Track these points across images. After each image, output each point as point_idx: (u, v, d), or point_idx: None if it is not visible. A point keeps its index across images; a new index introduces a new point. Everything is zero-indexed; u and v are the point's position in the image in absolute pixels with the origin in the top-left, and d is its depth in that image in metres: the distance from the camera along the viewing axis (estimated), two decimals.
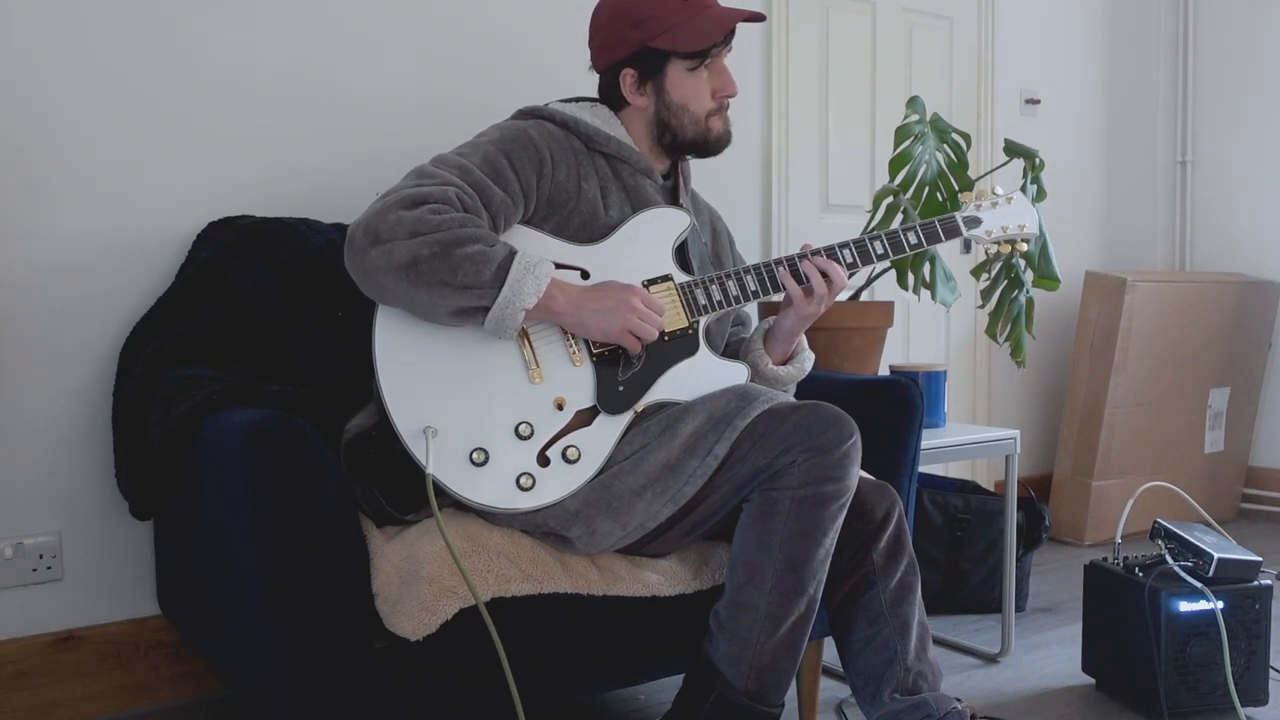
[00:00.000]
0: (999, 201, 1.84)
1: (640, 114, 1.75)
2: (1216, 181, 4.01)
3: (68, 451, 1.98)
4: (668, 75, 1.72)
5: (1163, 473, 3.52)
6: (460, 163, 1.57)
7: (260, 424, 1.38)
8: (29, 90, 1.93)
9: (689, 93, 1.72)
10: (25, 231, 1.93)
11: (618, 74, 1.74)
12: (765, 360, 1.79)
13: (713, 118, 1.75)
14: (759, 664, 1.52)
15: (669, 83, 1.72)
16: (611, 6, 1.74)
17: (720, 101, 1.75)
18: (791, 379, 1.81)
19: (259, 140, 2.15)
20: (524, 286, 1.49)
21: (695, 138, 1.75)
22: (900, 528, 1.67)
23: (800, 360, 1.82)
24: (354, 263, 1.49)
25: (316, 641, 1.39)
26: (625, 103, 1.76)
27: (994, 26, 3.51)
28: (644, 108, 1.74)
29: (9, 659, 1.93)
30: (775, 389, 1.80)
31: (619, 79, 1.74)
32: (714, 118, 1.75)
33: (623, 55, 1.72)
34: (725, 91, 1.74)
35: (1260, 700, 2.05)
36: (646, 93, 1.73)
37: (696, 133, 1.74)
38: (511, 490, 1.54)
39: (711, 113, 1.74)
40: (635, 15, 1.69)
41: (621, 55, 1.72)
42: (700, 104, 1.73)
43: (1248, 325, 3.75)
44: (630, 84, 1.73)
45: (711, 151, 1.78)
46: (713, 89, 1.74)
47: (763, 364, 1.78)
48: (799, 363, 1.82)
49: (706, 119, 1.74)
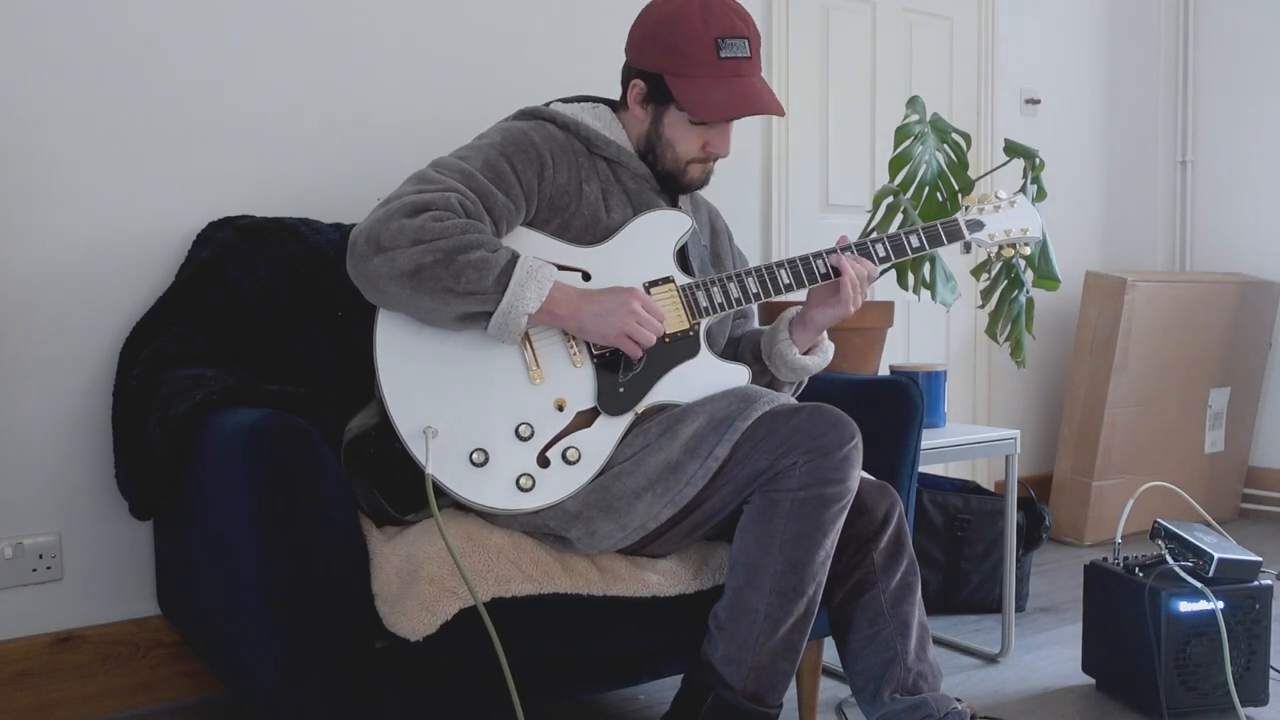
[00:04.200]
0: (1002, 205, 1.84)
1: (635, 123, 1.75)
2: (1216, 181, 4.01)
3: (68, 451, 1.98)
4: (669, 111, 1.69)
5: (1163, 473, 3.52)
6: (461, 167, 1.57)
7: (260, 424, 1.38)
8: (29, 90, 1.93)
9: (680, 136, 1.70)
10: (25, 231, 1.93)
11: (631, 77, 1.73)
12: (793, 350, 1.79)
13: (693, 165, 1.73)
14: (758, 665, 1.52)
15: (668, 118, 1.70)
16: (658, 18, 1.68)
17: (708, 155, 1.72)
18: (818, 367, 1.82)
19: (259, 140, 2.15)
20: (526, 291, 1.50)
21: (669, 172, 1.74)
22: (900, 528, 1.67)
23: (825, 349, 1.83)
24: (357, 270, 1.50)
25: (316, 642, 1.39)
26: (627, 104, 1.75)
27: (994, 26, 3.51)
28: (640, 119, 1.74)
29: (9, 659, 1.93)
30: (799, 377, 1.83)
31: (631, 83, 1.73)
32: (695, 165, 1.73)
33: (643, 67, 1.70)
34: (716, 150, 1.72)
35: (1260, 700, 2.05)
36: (647, 111, 1.72)
37: (672, 169, 1.73)
38: (511, 491, 1.54)
39: (694, 160, 1.72)
40: (670, 41, 1.65)
41: (642, 67, 1.70)
42: (687, 150, 1.71)
43: (1248, 325, 3.75)
44: (636, 94, 1.72)
45: (680, 190, 1.77)
46: (705, 141, 1.71)
47: (790, 354, 1.78)
48: (823, 351, 1.83)
49: (687, 164, 1.72)
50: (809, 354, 1.81)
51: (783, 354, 1.79)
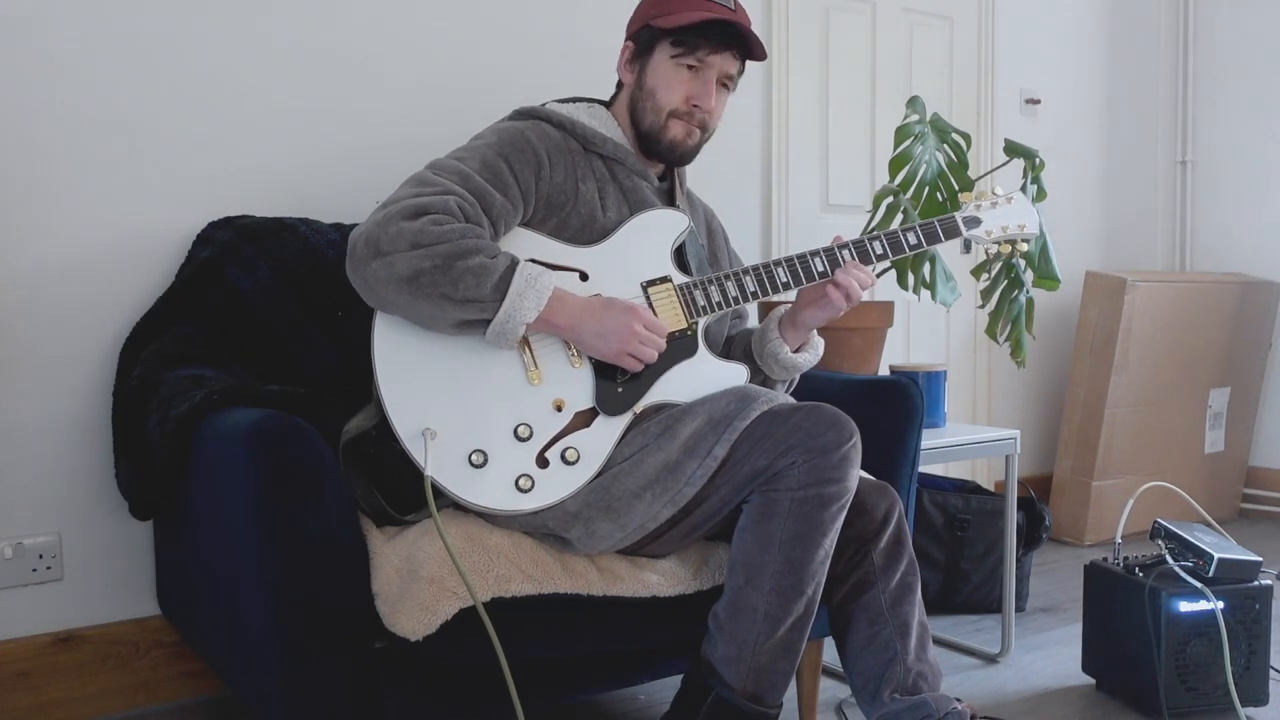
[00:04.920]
0: (999, 201, 1.84)
1: (624, 96, 1.76)
2: (1216, 181, 4.01)
3: (68, 451, 1.98)
4: (653, 57, 1.71)
5: (1163, 473, 3.52)
6: (459, 169, 1.57)
7: (260, 424, 1.38)
8: (29, 91, 1.93)
9: (662, 81, 1.70)
10: (25, 231, 1.93)
11: (622, 49, 1.76)
12: (784, 348, 1.79)
13: (674, 119, 1.71)
14: (757, 665, 1.52)
15: (651, 64, 1.72)
16: None
17: (690, 108, 1.71)
18: (808, 365, 1.84)
19: (259, 140, 2.15)
20: (525, 300, 1.50)
21: (650, 130, 1.72)
22: (900, 528, 1.67)
23: (815, 346, 1.85)
24: (356, 274, 1.50)
25: (316, 641, 1.39)
26: (620, 84, 1.77)
27: (994, 26, 3.51)
28: (628, 85, 1.76)
29: (9, 659, 1.93)
30: (790, 375, 1.83)
31: (621, 52, 1.76)
32: (675, 120, 1.71)
33: (634, 29, 1.75)
34: (699, 100, 1.70)
35: (1260, 700, 2.05)
36: (633, 70, 1.75)
37: (653, 124, 1.71)
38: (510, 492, 1.54)
39: (675, 113, 1.71)
40: None
41: (633, 29, 1.75)
42: (668, 97, 1.70)
43: (1248, 325, 3.75)
44: (626, 56, 1.76)
45: (662, 152, 1.74)
46: (689, 92, 1.70)
47: (782, 352, 1.79)
48: (814, 348, 1.84)
49: (668, 116, 1.71)
50: (799, 352, 1.82)
51: (774, 353, 1.79)
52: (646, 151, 1.76)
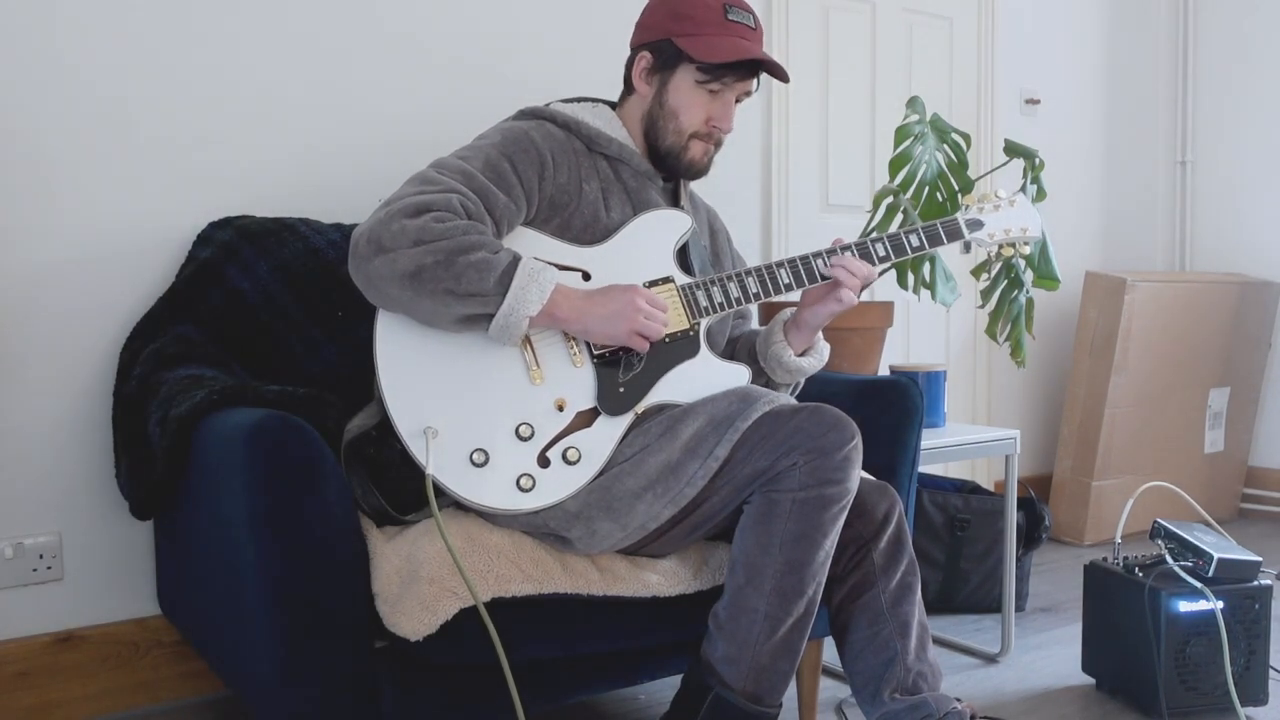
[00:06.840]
0: (1001, 204, 1.84)
1: (638, 104, 1.75)
2: (1216, 181, 4.01)
3: (68, 451, 1.98)
4: (675, 75, 1.71)
5: (1163, 473, 3.53)
6: (462, 168, 1.57)
7: (260, 424, 1.38)
8: (29, 91, 1.93)
9: (685, 103, 1.71)
10: (25, 231, 1.93)
11: (637, 55, 1.74)
12: (788, 351, 1.79)
13: (695, 140, 1.73)
14: (757, 665, 1.52)
15: (673, 83, 1.71)
16: None
17: (711, 130, 1.73)
18: (813, 369, 1.82)
19: (259, 140, 2.15)
20: (528, 294, 1.50)
21: (670, 149, 1.73)
22: (900, 528, 1.67)
23: (820, 351, 1.84)
24: (358, 271, 1.50)
25: (316, 641, 1.39)
26: (631, 89, 1.76)
27: (994, 26, 3.51)
28: (644, 96, 1.74)
29: (9, 659, 1.93)
30: (794, 379, 1.82)
31: (636, 59, 1.74)
32: (696, 141, 1.73)
33: (650, 39, 1.73)
34: (719, 123, 1.72)
35: (1260, 700, 2.05)
36: (652, 84, 1.73)
37: (674, 144, 1.73)
38: (512, 491, 1.54)
39: (697, 135, 1.72)
40: (678, 9, 1.69)
41: (649, 39, 1.73)
42: (690, 119, 1.71)
43: (1248, 325, 3.75)
44: (642, 67, 1.73)
45: (681, 172, 1.76)
46: (710, 114, 1.71)
47: (786, 356, 1.79)
48: (819, 353, 1.83)
49: (689, 138, 1.72)
50: (804, 356, 1.81)
51: (778, 356, 1.79)
52: (661, 166, 1.76)
